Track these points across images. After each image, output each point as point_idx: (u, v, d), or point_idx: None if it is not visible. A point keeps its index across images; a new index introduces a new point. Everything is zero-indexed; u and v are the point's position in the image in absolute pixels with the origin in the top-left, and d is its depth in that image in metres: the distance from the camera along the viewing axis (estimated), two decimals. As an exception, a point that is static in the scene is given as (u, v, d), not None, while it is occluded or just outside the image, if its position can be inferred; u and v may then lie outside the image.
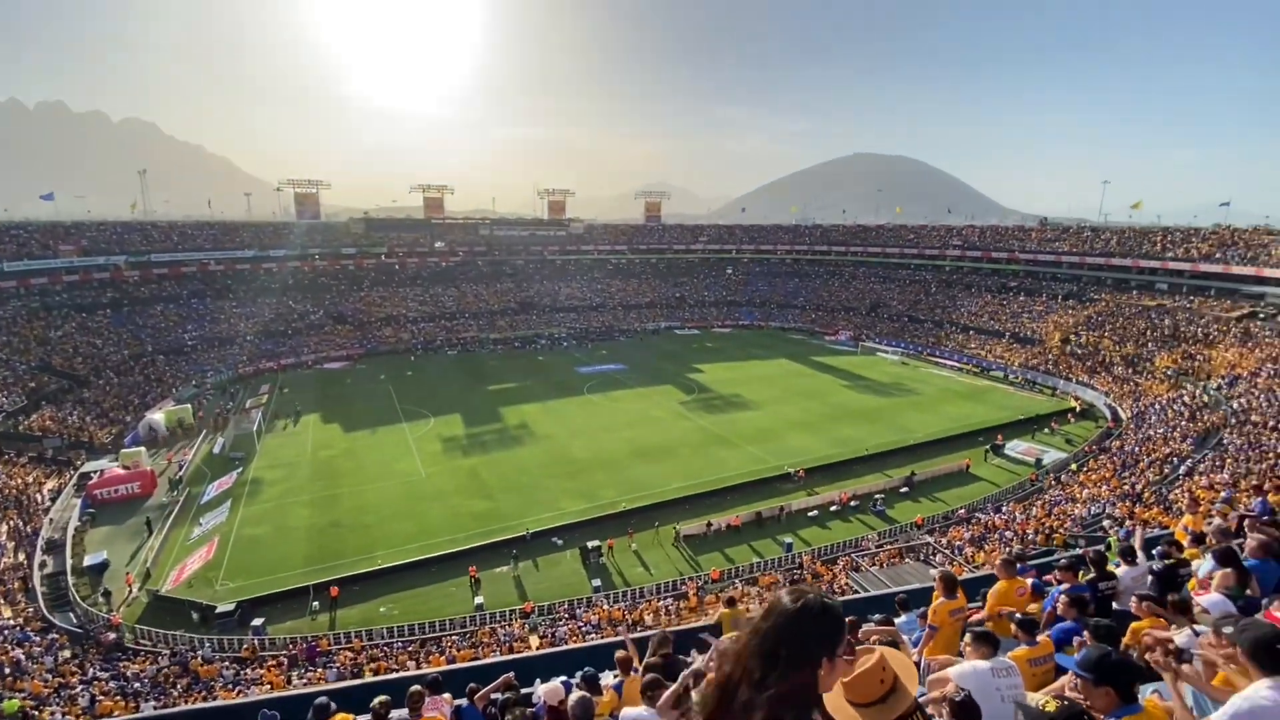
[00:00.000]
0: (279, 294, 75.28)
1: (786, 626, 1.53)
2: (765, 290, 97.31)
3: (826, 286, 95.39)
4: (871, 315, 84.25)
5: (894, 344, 73.34)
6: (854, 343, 76.08)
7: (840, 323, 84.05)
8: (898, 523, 32.11)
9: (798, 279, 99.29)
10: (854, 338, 77.84)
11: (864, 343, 75.00)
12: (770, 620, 1.56)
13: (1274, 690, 2.88)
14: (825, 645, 1.54)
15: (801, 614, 1.55)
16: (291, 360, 65.41)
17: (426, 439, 43.62)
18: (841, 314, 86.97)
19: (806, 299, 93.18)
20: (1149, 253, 65.88)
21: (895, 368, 64.98)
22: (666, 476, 37.06)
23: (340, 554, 28.81)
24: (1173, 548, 10.18)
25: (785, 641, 1.52)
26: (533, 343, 76.71)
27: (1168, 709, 3.39)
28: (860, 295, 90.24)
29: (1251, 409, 35.13)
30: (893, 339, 75.25)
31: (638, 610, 23.81)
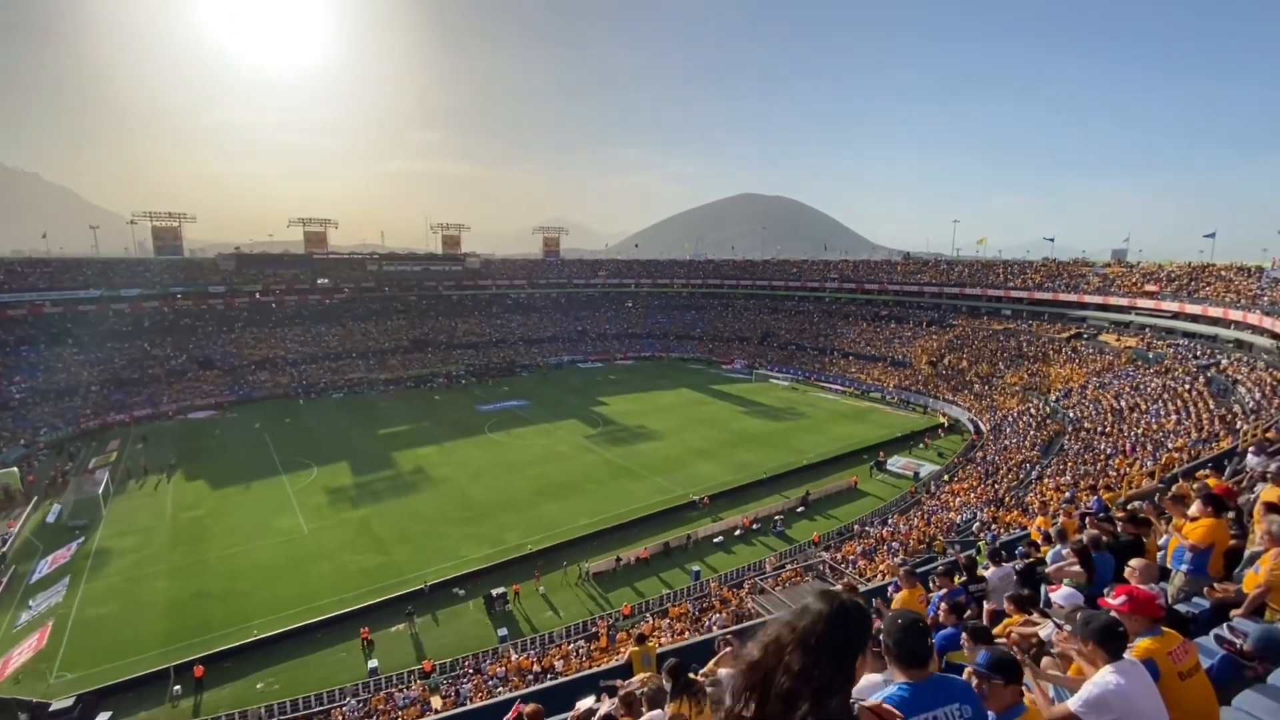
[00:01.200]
0: (132, 338, 67.42)
1: (826, 627, 1.60)
2: (664, 322, 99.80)
3: (721, 318, 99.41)
4: (763, 344, 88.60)
5: (785, 370, 77.43)
6: (748, 371, 79.51)
7: (735, 352, 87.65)
8: (797, 542, 33.48)
9: (694, 311, 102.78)
10: (748, 366, 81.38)
11: (757, 370, 78.60)
12: (808, 620, 1.62)
13: (1117, 674, 3.28)
14: (860, 641, 1.64)
15: (838, 615, 1.63)
16: (148, 411, 58.41)
17: (309, 491, 40.23)
18: (736, 343, 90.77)
19: (703, 330, 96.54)
20: (994, 283, 74.56)
21: (787, 393, 68.50)
22: (573, 513, 36.48)
23: (207, 628, 25.64)
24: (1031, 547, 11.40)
25: (827, 639, 1.59)
26: (428, 382, 73.53)
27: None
28: (752, 325, 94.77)
29: (1084, 417, 40.32)
30: (783, 366, 79.44)
31: (548, 657, 22.99)
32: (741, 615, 23.85)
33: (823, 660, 1.57)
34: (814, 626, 1.61)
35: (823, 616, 1.62)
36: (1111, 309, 59.82)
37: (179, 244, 79.25)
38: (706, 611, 25.40)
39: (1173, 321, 52.34)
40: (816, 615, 1.63)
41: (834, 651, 1.59)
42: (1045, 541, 11.76)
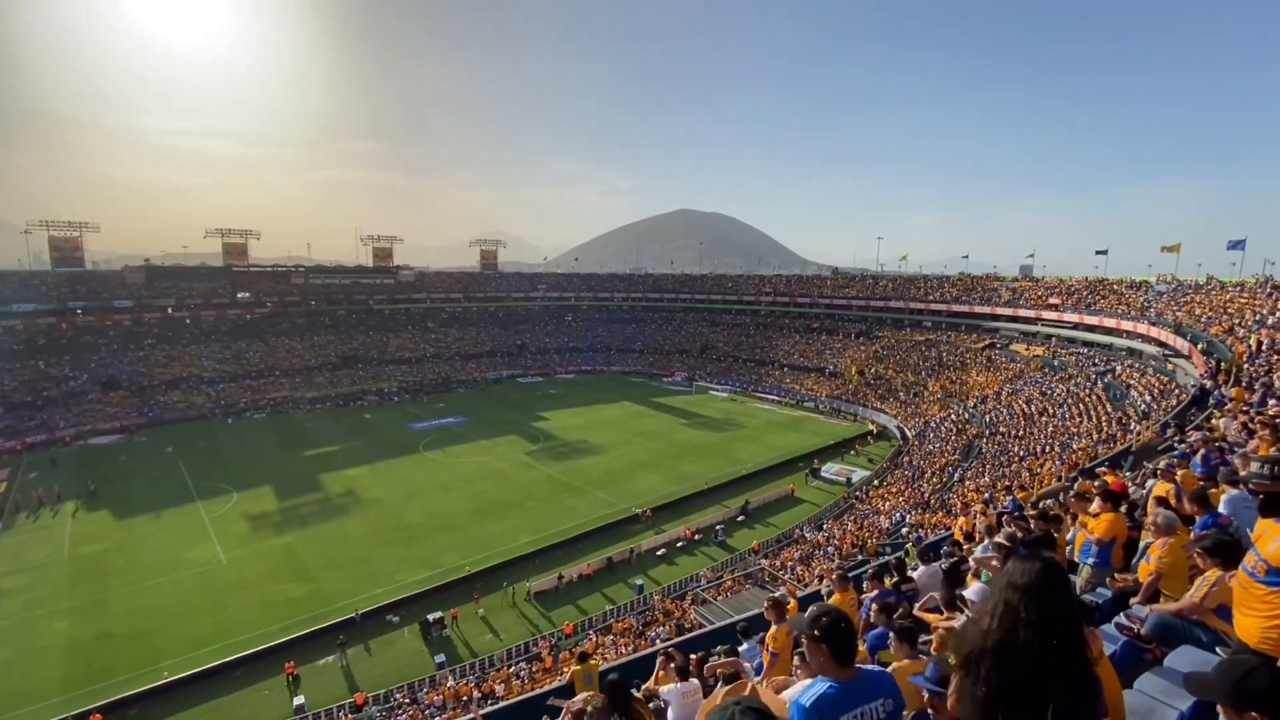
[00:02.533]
0: (25, 357, 61.65)
1: (1047, 574, 1.66)
2: (605, 336, 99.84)
3: (661, 331, 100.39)
4: (702, 356, 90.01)
5: (723, 382, 78.92)
6: (688, 383, 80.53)
7: (675, 364, 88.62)
8: (737, 550, 34.02)
9: (635, 324, 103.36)
10: (688, 378, 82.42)
11: (697, 382, 79.73)
12: (1027, 575, 1.66)
13: None
14: (1071, 592, 1.69)
15: (1051, 564, 1.69)
16: (42, 437, 53.39)
17: (228, 518, 37.75)
18: (676, 356, 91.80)
19: (644, 343, 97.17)
20: (916, 296, 78.75)
21: (726, 404, 69.76)
22: (514, 532, 35.76)
23: (113, 671, 23.55)
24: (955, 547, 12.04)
25: (1053, 585, 1.65)
26: (358, 399, 70.62)
27: None
28: (691, 338, 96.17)
29: (999, 422, 43.00)
30: (722, 377, 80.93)
31: (488, 682, 22.35)
32: (684, 627, 23.97)
33: (1059, 607, 1.63)
34: (1037, 577, 1.66)
35: (1037, 569, 1.68)
36: (1020, 320, 64.28)
37: (80, 255, 73.14)
38: (650, 625, 25.38)
39: (1074, 331, 56.70)
40: (1030, 567, 1.69)
41: (1062, 598, 1.66)
42: (968, 541, 12.45)
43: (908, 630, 5.65)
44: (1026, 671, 1.57)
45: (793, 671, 6.14)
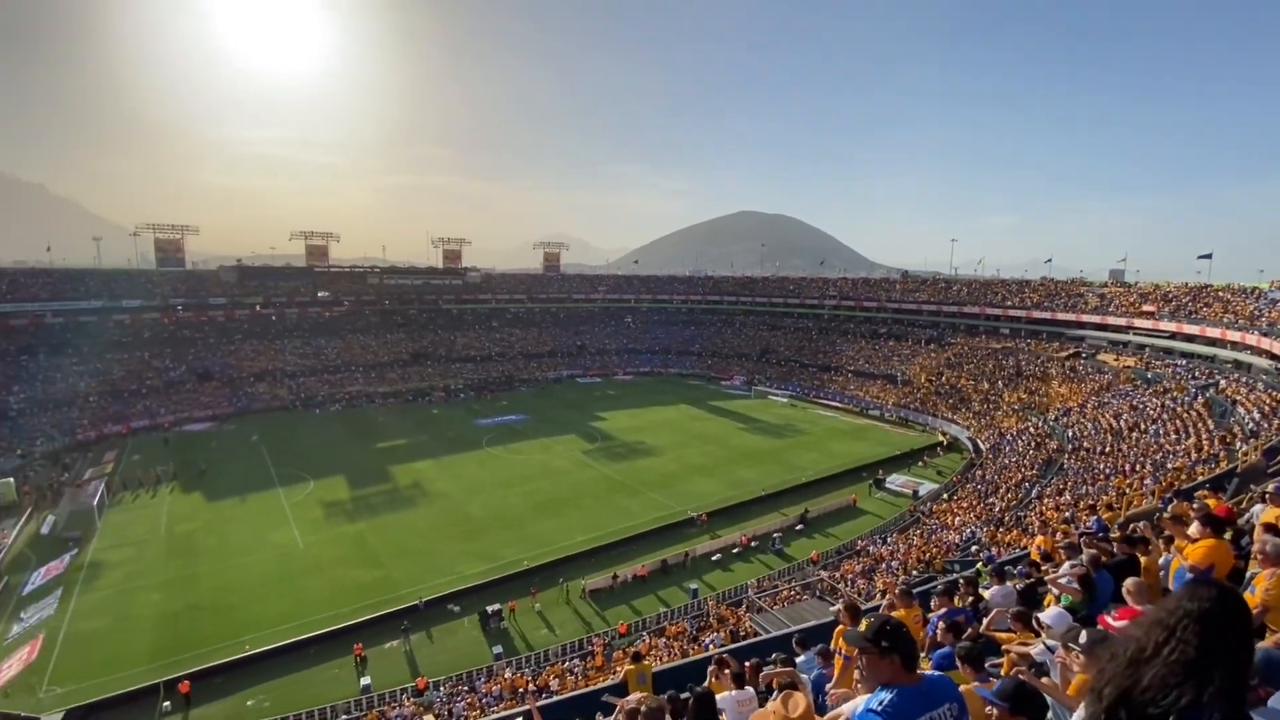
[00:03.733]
0: (132, 349, 67.41)
1: (1220, 603, 1.50)
2: (664, 338, 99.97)
3: (720, 334, 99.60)
4: (762, 360, 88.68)
5: (783, 387, 77.43)
6: (747, 387, 79.48)
7: (734, 368, 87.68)
8: (795, 560, 33.25)
9: (694, 327, 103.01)
10: (747, 382, 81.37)
11: (756, 387, 78.56)
12: (1200, 601, 1.50)
13: None
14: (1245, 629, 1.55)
15: (1228, 594, 1.55)
16: (145, 422, 58.24)
17: (305, 505, 40.02)
18: (735, 360, 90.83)
19: (702, 346, 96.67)
20: (993, 301, 74.85)
21: (785, 410, 68.41)
22: (570, 530, 36.26)
23: (198, 643, 25.36)
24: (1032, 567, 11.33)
25: (1222, 617, 1.48)
26: (426, 395, 73.44)
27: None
28: (751, 342, 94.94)
29: (1083, 436, 40.26)
30: (782, 382, 79.45)
31: (542, 675, 22.73)
32: (739, 634, 23.62)
33: (1236, 641, 1.45)
34: (1214, 604, 1.48)
35: (1214, 596, 1.51)
36: (1109, 328, 59.96)
37: (181, 256, 79.54)
38: (704, 630, 25.15)
39: (1170, 341, 52.43)
40: (1207, 593, 1.52)
41: (1240, 631, 1.49)
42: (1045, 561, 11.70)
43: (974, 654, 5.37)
44: (1184, 709, 1.38)
45: (854, 685, 5.94)
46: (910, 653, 2.57)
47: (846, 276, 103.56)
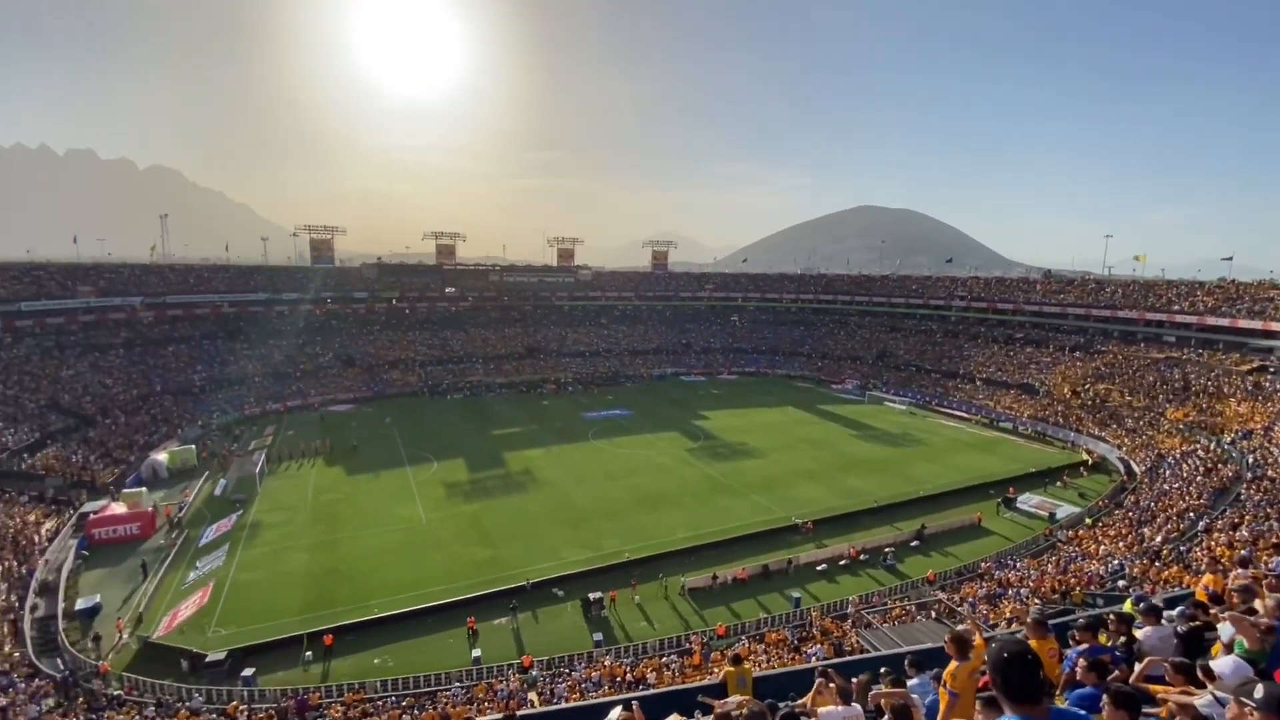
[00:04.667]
0: (290, 336, 76.15)
1: None
2: (771, 338, 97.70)
3: (832, 335, 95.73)
4: (878, 364, 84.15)
5: (901, 393, 72.96)
6: (861, 391, 75.74)
7: (847, 371, 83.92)
8: (909, 578, 31.21)
9: (803, 327, 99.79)
10: (861, 386, 77.55)
11: (871, 392, 74.63)
12: None
13: None
14: None
15: None
16: (298, 402, 65.60)
17: (429, 483, 43.23)
18: (848, 362, 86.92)
19: (813, 347, 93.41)
20: (1155, 305, 65.99)
21: (903, 417, 64.44)
22: (671, 526, 36.41)
23: (336, 602, 28.17)
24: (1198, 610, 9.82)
25: None
26: (538, 387, 76.79)
27: None
28: (866, 344, 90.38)
29: (1267, 464, 34.45)
30: (900, 388, 74.92)
31: (640, 667, 22.98)
32: (844, 649, 22.56)
33: None
34: None
35: None
36: (1310, 339, 50.86)
37: (331, 254, 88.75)
38: (806, 641, 24.27)
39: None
40: None
41: None
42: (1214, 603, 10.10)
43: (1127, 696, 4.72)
44: None
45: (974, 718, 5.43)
46: (1029, 680, 2.41)
47: (978, 276, 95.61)
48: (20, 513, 33.98)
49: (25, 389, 49.22)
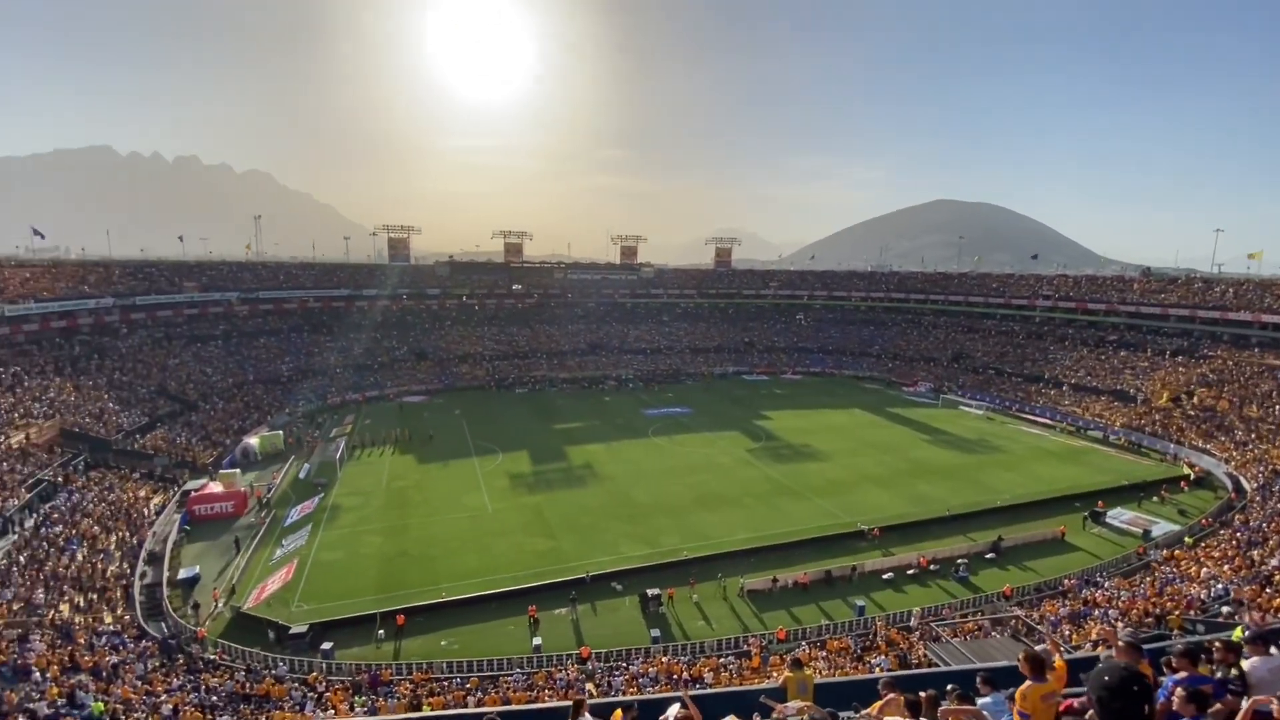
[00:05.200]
0: (369, 330, 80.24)
1: None
2: (838, 337, 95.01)
3: (905, 335, 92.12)
4: (954, 366, 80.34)
5: (979, 397, 69.34)
6: (934, 395, 72.50)
7: (919, 373, 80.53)
8: (983, 591, 29.65)
9: (873, 326, 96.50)
10: (935, 389, 74.22)
11: (945, 395, 71.30)
12: None
13: None
14: None
15: None
16: (375, 393, 69.04)
17: (494, 474, 44.56)
18: (921, 364, 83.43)
19: (883, 347, 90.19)
20: (1273, 306, 59.85)
21: (980, 423, 61.23)
22: (731, 526, 36.06)
23: (407, 584, 29.50)
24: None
25: None
26: (600, 383, 77.69)
27: None
28: (941, 345, 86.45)
29: None
30: (977, 392, 71.22)
31: (697, 666, 22.89)
32: (910, 661, 21.70)
33: None
34: None
35: None
36: None
37: (407, 253, 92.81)
38: (870, 651, 23.51)
39: None
40: None
41: None
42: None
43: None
44: None
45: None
46: (1132, 709, 2.25)
47: (1066, 274, 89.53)
48: (132, 488, 37.41)
49: (138, 375, 54.07)
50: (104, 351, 55.08)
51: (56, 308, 54.63)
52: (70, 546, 28.62)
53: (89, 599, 25.37)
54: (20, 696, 17.24)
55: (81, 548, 28.90)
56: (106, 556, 29.05)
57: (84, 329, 56.78)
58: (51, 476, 34.49)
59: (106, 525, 31.85)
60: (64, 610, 23.64)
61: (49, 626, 22.20)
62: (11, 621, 21.89)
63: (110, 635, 23.10)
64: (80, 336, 55.90)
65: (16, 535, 28.57)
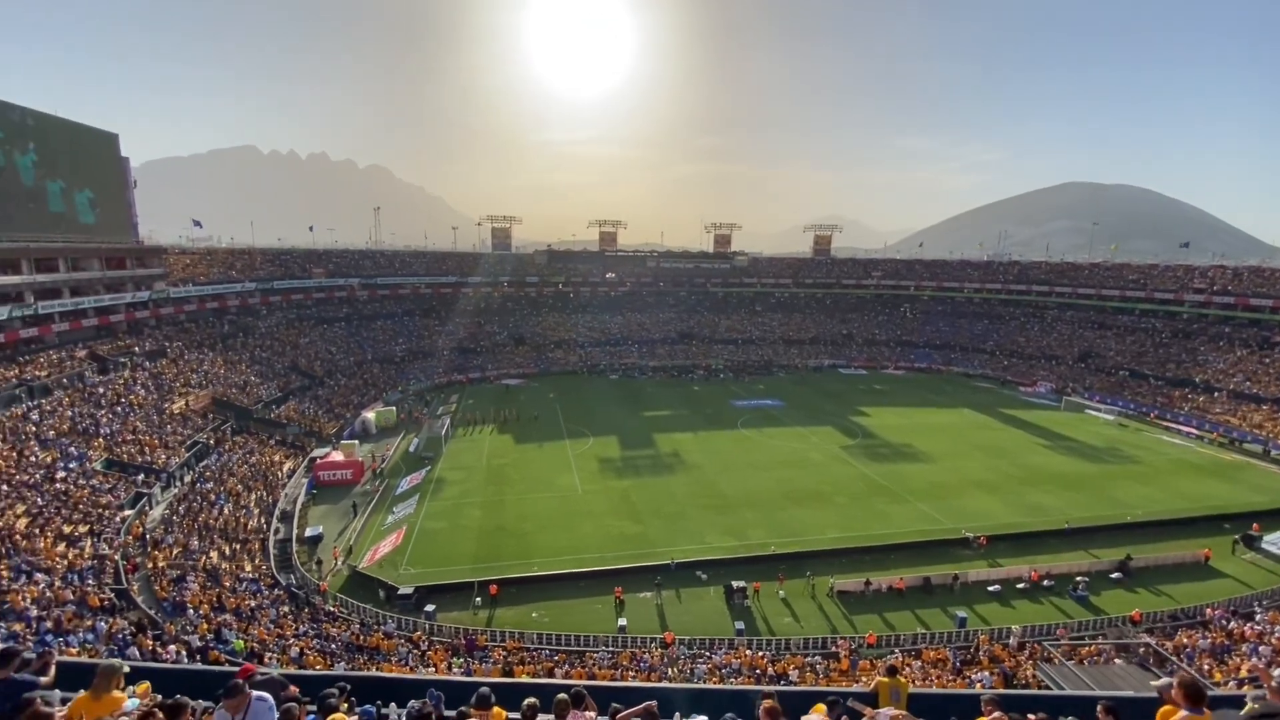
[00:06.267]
0: (472, 316, 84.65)
1: None
2: (947, 331, 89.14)
3: (1024, 330, 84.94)
4: (1081, 366, 73.20)
5: (1110, 401, 62.82)
6: (1056, 396, 66.44)
7: (1039, 372, 74.05)
8: (1105, 614, 26.98)
9: (988, 320, 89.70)
10: (1056, 390, 68.03)
11: (1070, 397, 65.14)
12: None
13: None
14: None
15: None
16: (477, 375, 72.83)
17: (585, 457, 45.77)
18: (1042, 362, 76.67)
19: (997, 343, 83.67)
20: None
21: (1110, 429, 55.45)
22: (821, 524, 35.00)
23: (502, 556, 31.06)
24: None
25: None
26: (689, 372, 77.55)
27: None
28: (1067, 342, 78.95)
29: None
30: (1108, 395, 64.54)
31: (781, 662, 22.48)
32: (1016, 680, 20.17)
33: None
34: None
35: None
36: None
37: (509, 242, 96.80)
38: (970, 665, 22.09)
39: None
40: None
41: None
42: None
43: None
44: None
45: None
46: None
47: (1223, 264, 78.70)
48: (269, 452, 41.82)
49: (275, 352, 60.16)
50: (247, 330, 61.71)
51: (210, 290, 61.80)
52: (219, 501, 32.51)
53: (233, 549, 28.71)
54: (178, 629, 19.84)
55: (228, 503, 32.74)
56: (247, 512, 32.73)
57: (231, 309, 63.89)
58: (205, 439, 39.25)
59: (248, 484, 35.88)
60: (213, 557, 26.90)
61: (201, 570, 25.37)
62: (173, 563, 25.21)
63: (249, 582, 26.04)
64: (228, 316, 62.95)
65: (178, 489, 32.81)
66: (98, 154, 49.13)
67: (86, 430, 33.12)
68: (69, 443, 31.11)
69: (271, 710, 4.85)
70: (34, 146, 42.09)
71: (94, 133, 49.08)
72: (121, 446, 33.55)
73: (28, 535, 22.45)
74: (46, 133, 43.46)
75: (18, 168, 41.07)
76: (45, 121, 43.59)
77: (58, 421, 32.42)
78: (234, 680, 5.21)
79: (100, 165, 49.46)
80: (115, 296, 49.23)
